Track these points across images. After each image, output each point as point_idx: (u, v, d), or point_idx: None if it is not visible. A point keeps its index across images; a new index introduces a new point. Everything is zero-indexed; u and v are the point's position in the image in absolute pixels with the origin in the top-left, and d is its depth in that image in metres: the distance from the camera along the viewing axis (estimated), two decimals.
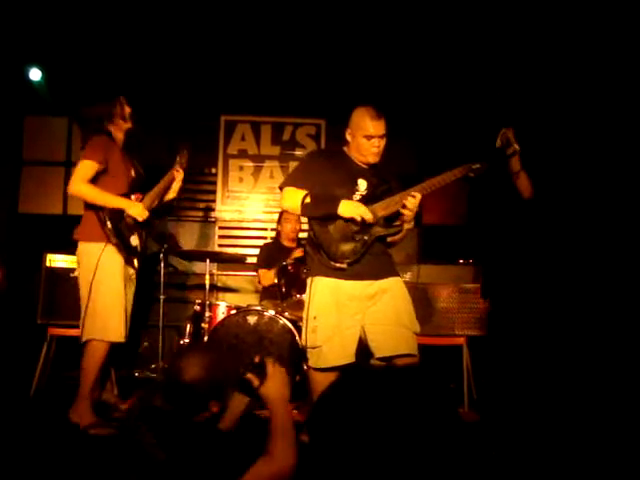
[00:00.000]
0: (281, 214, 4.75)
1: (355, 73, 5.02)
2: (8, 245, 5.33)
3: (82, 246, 3.17)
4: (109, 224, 3.09)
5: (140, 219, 3.20)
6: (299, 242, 4.74)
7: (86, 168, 3.10)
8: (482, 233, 4.23)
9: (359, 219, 2.80)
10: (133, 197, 3.24)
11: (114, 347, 3.22)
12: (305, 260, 4.06)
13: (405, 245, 3.17)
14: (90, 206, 3.16)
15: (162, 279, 4.57)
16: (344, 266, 2.85)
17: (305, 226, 3.50)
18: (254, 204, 5.56)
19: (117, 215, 3.14)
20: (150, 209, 3.29)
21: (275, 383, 1.93)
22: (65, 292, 3.91)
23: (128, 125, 3.29)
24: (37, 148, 5.45)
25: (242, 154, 5.56)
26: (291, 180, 3.00)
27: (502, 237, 3.77)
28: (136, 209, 3.19)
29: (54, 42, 4.71)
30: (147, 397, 1.89)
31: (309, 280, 2.98)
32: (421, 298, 4.08)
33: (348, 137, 2.99)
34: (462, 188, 5.36)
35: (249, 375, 1.93)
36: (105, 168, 3.14)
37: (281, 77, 5.19)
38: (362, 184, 2.94)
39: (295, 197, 2.90)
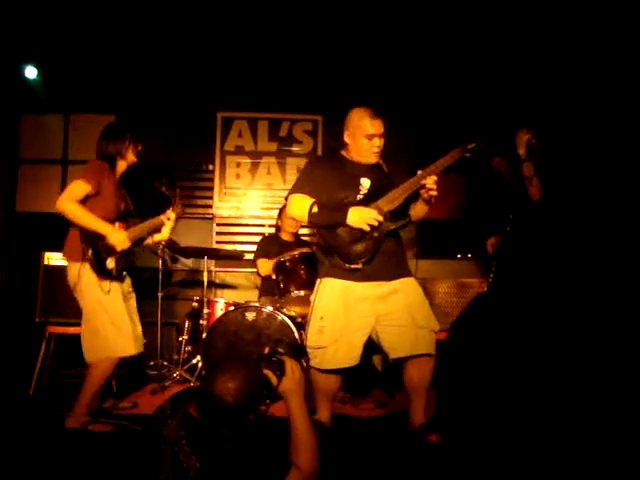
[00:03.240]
0: (282, 209, 4.74)
1: (352, 69, 5.01)
2: (6, 244, 5.33)
3: (67, 265, 3.17)
4: (87, 240, 3.06)
5: (119, 248, 3.14)
6: (298, 237, 4.75)
7: (78, 188, 3.05)
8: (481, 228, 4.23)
9: (367, 229, 2.78)
10: (117, 225, 3.18)
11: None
12: (306, 259, 4.08)
13: (403, 240, 3.15)
14: (74, 224, 3.13)
15: (160, 276, 4.57)
16: (359, 266, 2.83)
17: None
18: (251, 200, 5.55)
19: (98, 234, 3.09)
20: (133, 241, 3.23)
21: (294, 381, 1.92)
22: (63, 290, 3.90)
23: (134, 160, 3.27)
24: (34, 146, 5.44)
25: (239, 150, 5.55)
26: (297, 188, 2.98)
27: (510, 237, 3.76)
28: (117, 237, 3.12)
29: (50, 40, 4.70)
30: (180, 403, 1.88)
31: (318, 281, 2.97)
32: None
33: (347, 139, 2.97)
34: (459, 182, 5.38)
35: (267, 372, 1.90)
36: (97, 192, 3.10)
37: (278, 73, 5.18)
38: (365, 183, 2.92)
39: (302, 205, 2.89)
